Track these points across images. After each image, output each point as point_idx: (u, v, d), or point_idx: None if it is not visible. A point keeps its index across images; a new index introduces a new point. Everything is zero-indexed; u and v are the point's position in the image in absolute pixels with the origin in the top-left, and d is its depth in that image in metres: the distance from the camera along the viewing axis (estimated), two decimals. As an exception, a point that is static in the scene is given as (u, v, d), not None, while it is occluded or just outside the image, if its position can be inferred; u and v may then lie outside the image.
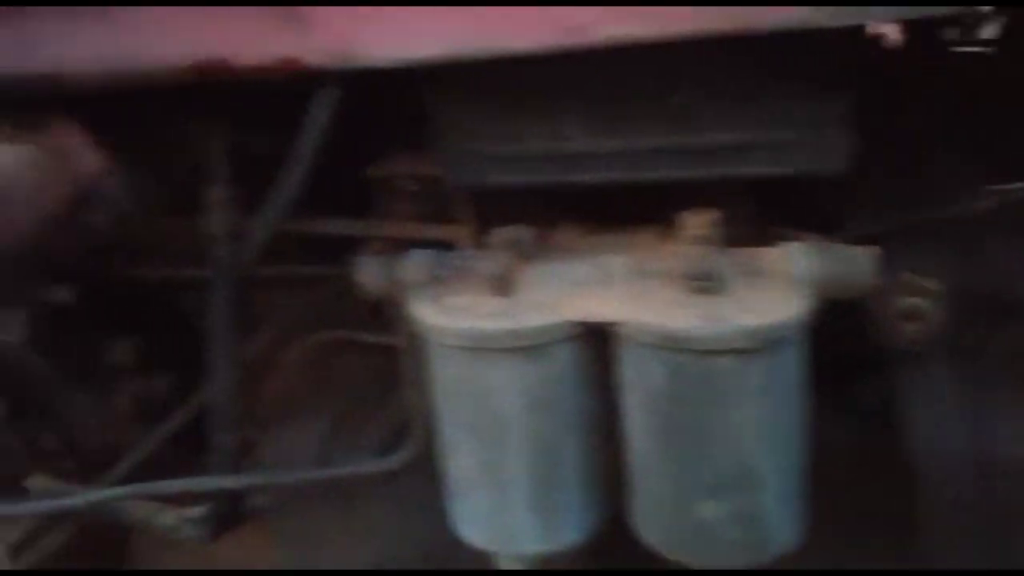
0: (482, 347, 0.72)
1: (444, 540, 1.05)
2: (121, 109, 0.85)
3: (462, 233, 0.89)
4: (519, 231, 0.81)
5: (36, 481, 1.15)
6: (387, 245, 0.91)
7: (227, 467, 0.96)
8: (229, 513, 1.06)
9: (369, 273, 0.80)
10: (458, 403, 0.76)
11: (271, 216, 0.82)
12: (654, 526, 0.77)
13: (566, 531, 0.80)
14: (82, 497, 0.98)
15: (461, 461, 0.79)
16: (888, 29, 1.02)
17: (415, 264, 0.79)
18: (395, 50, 0.65)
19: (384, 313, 1.22)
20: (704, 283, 0.71)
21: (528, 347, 0.72)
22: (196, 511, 1.09)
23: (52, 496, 1.07)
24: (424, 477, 1.01)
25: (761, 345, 0.67)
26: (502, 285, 0.75)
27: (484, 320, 0.72)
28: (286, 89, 0.70)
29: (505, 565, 0.82)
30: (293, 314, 1.16)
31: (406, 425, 1.08)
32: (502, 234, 0.81)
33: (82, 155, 0.84)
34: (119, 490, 0.99)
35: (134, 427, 1.17)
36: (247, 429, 1.19)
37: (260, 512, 1.09)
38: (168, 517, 1.12)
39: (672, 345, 0.68)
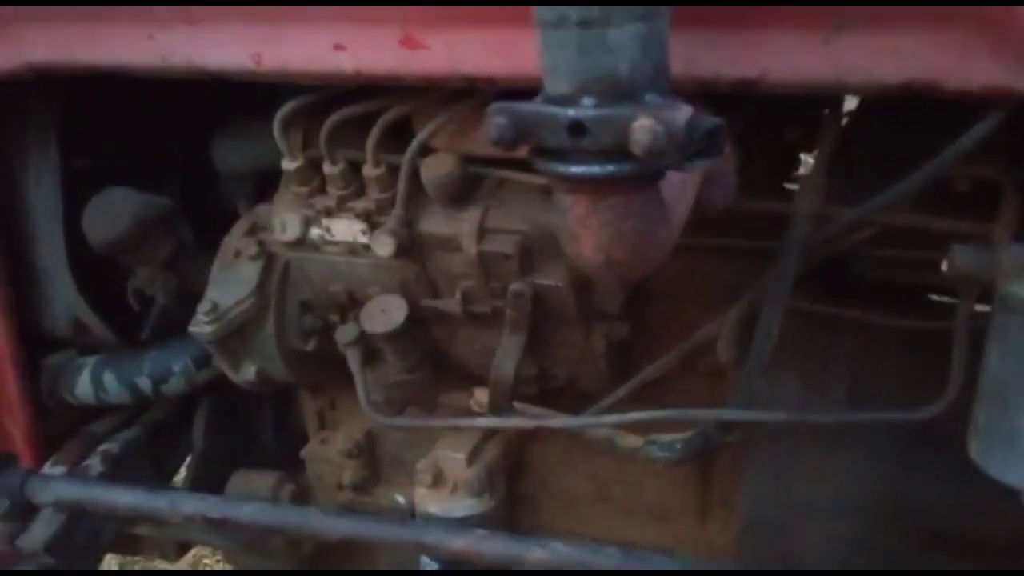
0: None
1: (906, 488, 1.23)
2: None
3: (997, 231, 1.07)
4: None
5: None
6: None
7: (745, 402, 1.15)
8: (704, 443, 1.25)
9: (965, 258, 0.98)
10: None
11: (874, 207, 1.00)
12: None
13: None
14: (615, 418, 1.19)
15: (1031, 418, 0.97)
16: None
17: (1016, 254, 0.96)
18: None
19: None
20: None
21: None
22: (668, 437, 1.29)
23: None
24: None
25: None
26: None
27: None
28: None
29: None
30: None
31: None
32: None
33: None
34: (642, 415, 1.18)
35: (599, 365, 1.37)
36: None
37: (727, 446, 1.29)
38: (631, 440, 1.33)
39: None
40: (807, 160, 1.52)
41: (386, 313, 1.28)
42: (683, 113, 0.70)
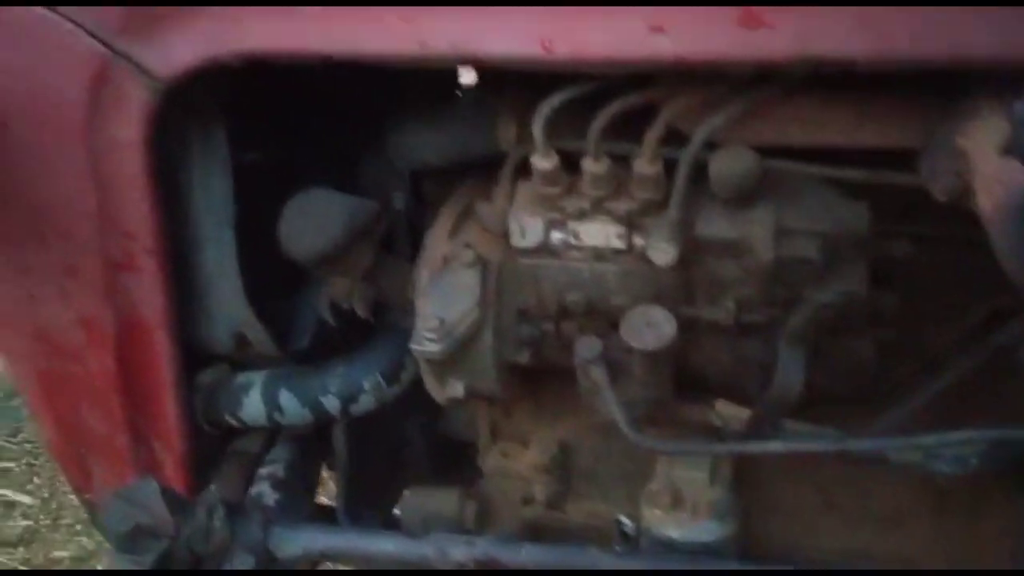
0: None
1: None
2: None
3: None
4: None
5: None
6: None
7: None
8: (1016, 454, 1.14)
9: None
10: None
11: None
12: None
13: None
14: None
15: None
16: None
17: None
18: None
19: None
20: None
21: None
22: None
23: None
24: None
25: None
26: None
27: None
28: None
29: None
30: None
31: None
32: None
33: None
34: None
35: (868, 374, 1.25)
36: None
37: None
38: (916, 454, 1.21)
39: None
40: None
41: (653, 327, 1.14)
42: None
